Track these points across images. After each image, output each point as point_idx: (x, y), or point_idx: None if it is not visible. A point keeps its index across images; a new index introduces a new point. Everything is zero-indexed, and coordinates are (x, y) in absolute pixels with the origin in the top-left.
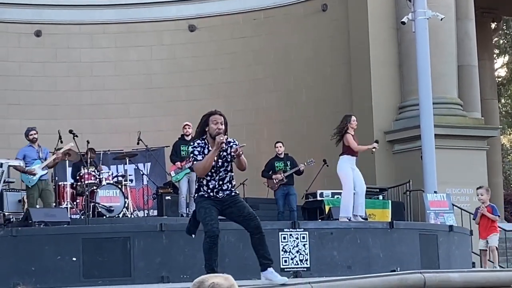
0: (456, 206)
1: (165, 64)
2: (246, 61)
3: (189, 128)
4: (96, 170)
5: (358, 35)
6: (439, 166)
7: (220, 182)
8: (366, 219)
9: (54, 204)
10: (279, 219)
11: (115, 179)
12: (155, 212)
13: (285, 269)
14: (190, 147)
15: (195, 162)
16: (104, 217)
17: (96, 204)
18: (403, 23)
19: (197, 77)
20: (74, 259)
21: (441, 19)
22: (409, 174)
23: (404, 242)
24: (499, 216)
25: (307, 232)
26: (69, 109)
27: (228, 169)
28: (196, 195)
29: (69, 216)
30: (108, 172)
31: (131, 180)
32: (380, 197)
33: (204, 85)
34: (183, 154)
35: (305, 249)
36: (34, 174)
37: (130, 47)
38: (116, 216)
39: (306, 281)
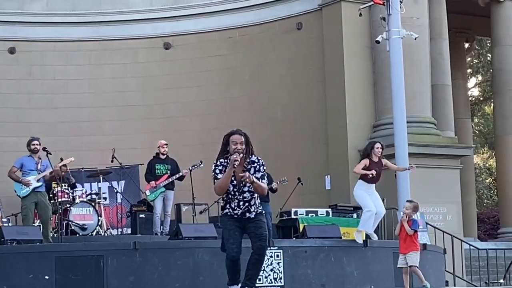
0: (429, 224)
1: (140, 82)
2: (221, 79)
3: (166, 147)
4: (68, 186)
5: (333, 53)
6: (413, 184)
7: (247, 204)
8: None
9: (51, 218)
10: None
11: (89, 197)
12: (129, 230)
13: None
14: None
15: (215, 181)
16: (78, 235)
17: (69, 222)
18: (378, 42)
19: (172, 95)
20: (47, 277)
21: (415, 39)
22: (383, 193)
23: (378, 260)
24: (416, 231)
25: (281, 251)
26: (43, 127)
27: (252, 189)
28: (222, 212)
29: (41, 234)
30: (82, 190)
31: (105, 198)
32: (355, 215)
33: (179, 103)
34: (158, 173)
35: (279, 267)
36: (28, 185)
37: (105, 64)
38: (90, 234)
39: None
